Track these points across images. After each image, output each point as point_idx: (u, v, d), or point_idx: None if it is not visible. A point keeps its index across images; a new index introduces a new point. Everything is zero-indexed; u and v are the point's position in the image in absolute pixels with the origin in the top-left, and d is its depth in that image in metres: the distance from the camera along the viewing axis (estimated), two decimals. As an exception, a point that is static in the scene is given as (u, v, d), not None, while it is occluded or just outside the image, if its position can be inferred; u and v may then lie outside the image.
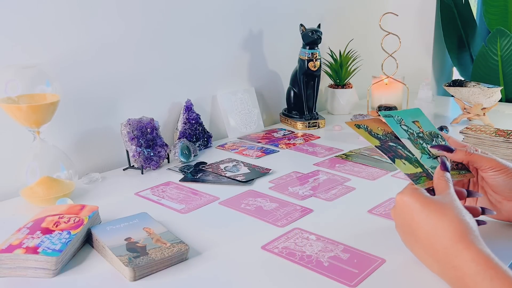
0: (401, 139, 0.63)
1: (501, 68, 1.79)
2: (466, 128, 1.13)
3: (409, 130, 0.66)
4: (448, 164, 0.65)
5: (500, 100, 1.52)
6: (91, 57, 1.01)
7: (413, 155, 0.63)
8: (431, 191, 0.64)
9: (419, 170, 0.64)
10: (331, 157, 1.11)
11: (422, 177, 0.63)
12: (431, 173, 0.64)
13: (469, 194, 0.67)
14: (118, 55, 1.06)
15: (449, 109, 1.62)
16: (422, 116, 0.70)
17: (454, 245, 0.54)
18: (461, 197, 0.65)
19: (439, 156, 0.67)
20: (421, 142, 0.66)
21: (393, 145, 0.63)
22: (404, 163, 0.62)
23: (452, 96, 1.41)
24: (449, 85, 1.39)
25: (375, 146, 0.62)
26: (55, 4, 0.93)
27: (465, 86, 1.36)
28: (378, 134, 0.63)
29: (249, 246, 0.70)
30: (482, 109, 1.34)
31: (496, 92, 1.31)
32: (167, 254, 0.64)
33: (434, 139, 0.68)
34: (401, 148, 0.63)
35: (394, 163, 0.62)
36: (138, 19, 1.08)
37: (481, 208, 0.66)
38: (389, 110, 1.46)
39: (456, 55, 1.97)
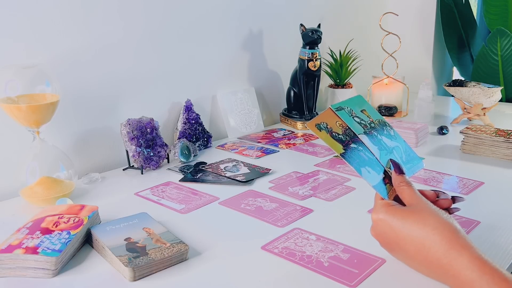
0: (358, 135, 0.64)
1: (501, 68, 1.79)
2: (466, 128, 1.13)
3: (362, 121, 0.66)
4: (402, 166, 0.64)
5: (500, 100, 1.52)
6: (91, 57, 1.01)
7: (373, 155, 0.64)
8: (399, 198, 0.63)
9: (382, 176, 0.64)
10: (331, 157, 1.11)
11: (386, 185, 0.63)
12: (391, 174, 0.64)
13: (453, 199, 0.66)
14: (118, 55, 1.06)
15: (449, 109, 1.62)
16: (366, 103, 0.70)
17: (447, 254, 0.53)
18: (430, 198, 0.64)
19: (394, 146, 0.67)
20: (376, 134, 0.66)
21: (355, 147, 0.63)
22: (369, 171, 0.63)
23: (452, 96, 1.41)
24: (449, 85, 1.39)
25: (340, 154, 0.63)
26: (55, 4, 0.93)
27: (465, 86, 1.36)
28: (339, 135, 0.64)
29: (249, 246, 0.70)
30: (482, 109, 1.34)
31: (496, 92, 1.31)
32: (167, 254, 0.64)
33: (384, 128, 0.69)
34: (362, 149, 0.64)
35: (361, 174, 0.63)
36: (138, 19, 1.08)
37: (452, 197, 0.66)
38: (389, 109, 1.47)
39: (456, 55, 1.97)
